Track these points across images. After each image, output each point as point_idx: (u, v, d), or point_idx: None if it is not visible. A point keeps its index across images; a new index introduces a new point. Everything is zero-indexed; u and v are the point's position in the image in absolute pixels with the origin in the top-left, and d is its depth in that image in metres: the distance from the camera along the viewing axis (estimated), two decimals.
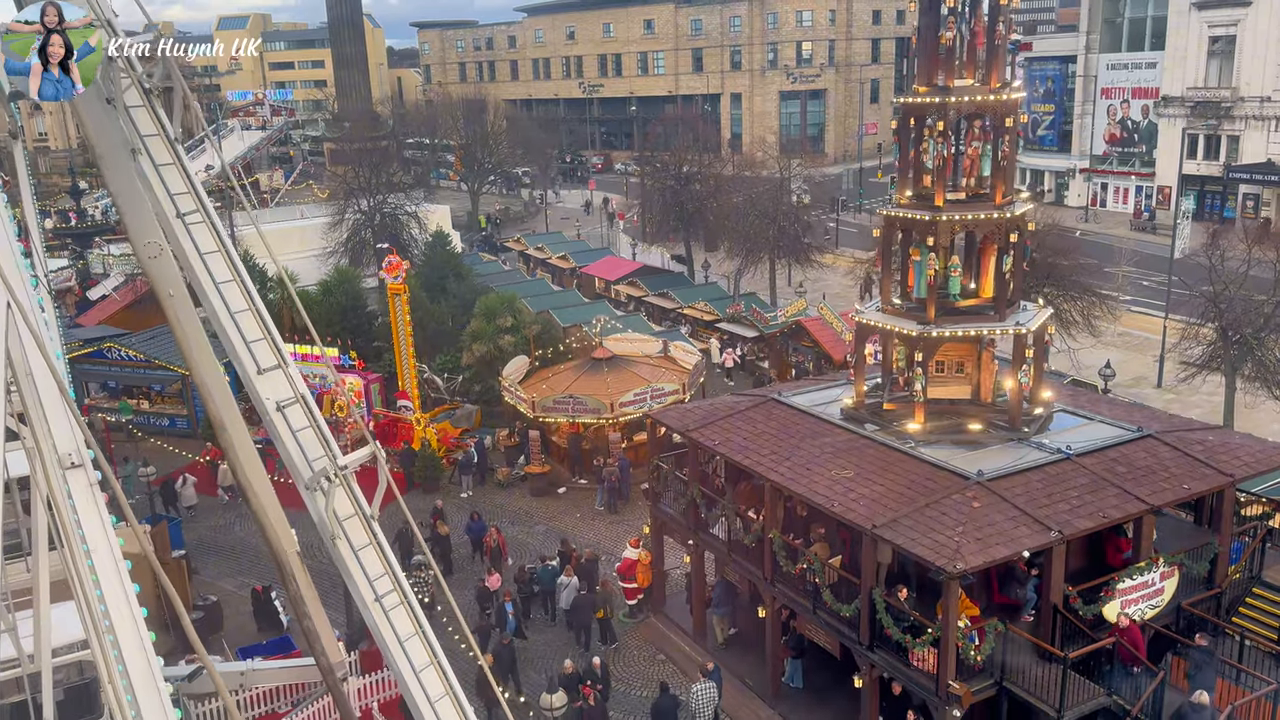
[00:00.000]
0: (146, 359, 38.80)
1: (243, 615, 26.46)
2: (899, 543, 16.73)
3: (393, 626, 9.97)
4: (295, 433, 10.45)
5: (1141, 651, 16.78)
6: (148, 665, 8.90)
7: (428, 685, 9.94)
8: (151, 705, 8.76)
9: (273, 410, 10.40)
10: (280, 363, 10.51)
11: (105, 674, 9.15)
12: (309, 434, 10.38)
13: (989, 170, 19.86)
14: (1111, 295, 36.57)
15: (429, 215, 56.56)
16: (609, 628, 23.76)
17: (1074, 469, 18.46)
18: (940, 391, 20.42)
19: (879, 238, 20.69)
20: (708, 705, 19.59)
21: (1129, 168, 72.48)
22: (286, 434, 10.40)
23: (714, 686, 19.73)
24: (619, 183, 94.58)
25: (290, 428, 10.42)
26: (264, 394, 10.36)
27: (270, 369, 10.43)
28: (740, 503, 21.82)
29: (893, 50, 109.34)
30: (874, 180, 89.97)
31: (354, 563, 10.15)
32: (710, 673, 20.09)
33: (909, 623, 17.10)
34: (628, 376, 32.81)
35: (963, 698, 16.09)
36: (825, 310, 39.43)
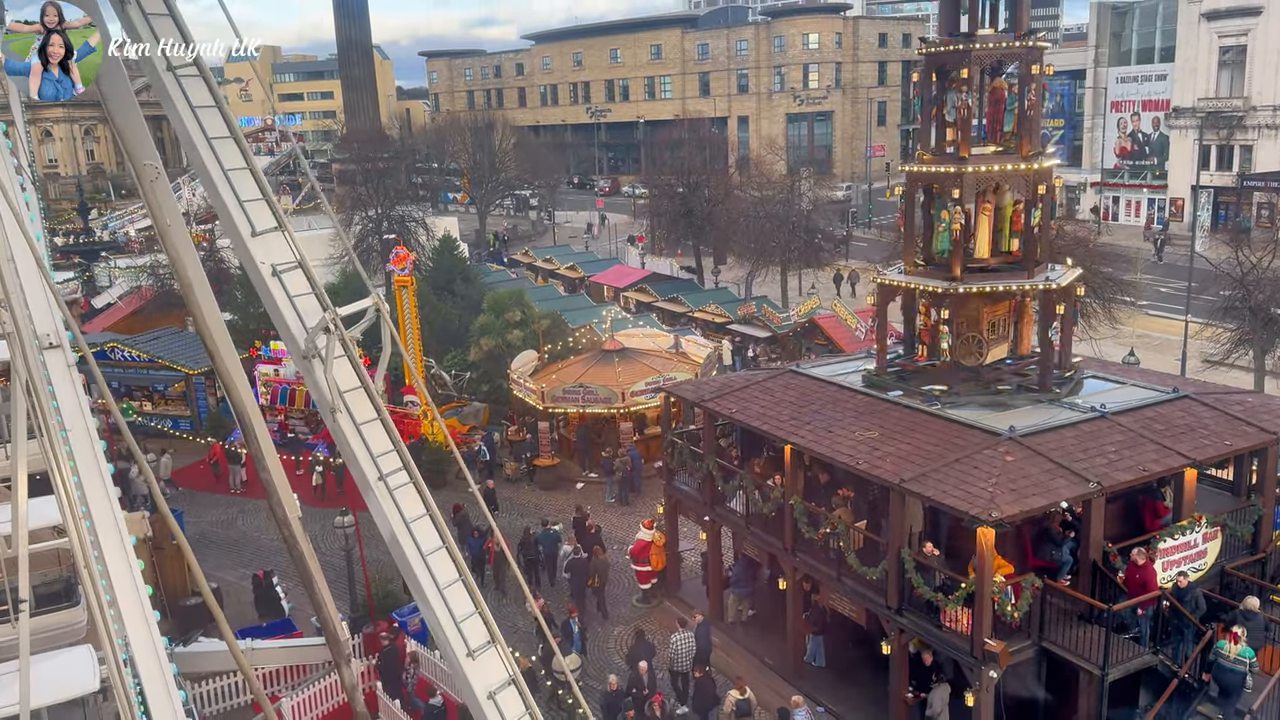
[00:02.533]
0: (150, 358, 38.26)
1: (244, 604, 25.66)
2: (929, 495, 15.92)
3: (399, 508, 9.21)
4: (294, 299, 9.77)
5: (1153, 584, 15.85)
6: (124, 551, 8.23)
7: (437, 570, 9.16)
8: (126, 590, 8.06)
9: (269, 275, 9.72)
10: (279, 224, 9.87)
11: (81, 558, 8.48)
12: (308, 301, 9.69)
13: (1011, 125, 19.27)
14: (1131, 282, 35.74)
15: (436, 223, 56.24)
16: (601, 598, 23.27)
17: (1109, 426, 17.66)
18: (968, 354, 19.65)
19: (902, 195, 20.03)
20: (685, 656, 19.54)
21: (1141, 180, 72.05)
22: (284, 300, 9.72)
23: (692, 638, 19.74)
24: (626, 204, 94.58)
25: (288, 293, 9.74)
26: (259, 258, 9.69)
27: (267, 231, 9.78)
28: (758, 475, 21.01)
29: (899, 73, 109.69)
30: (882, 200, 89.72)
31: (356, 438, 9.42)
32: (694, 626, 20.02)
33: (940, 582, 16.24)
34: (639, 367, 32.12)
35: (1000, 656, 15.18)
36: (839, 307, 38.78)
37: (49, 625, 11.20)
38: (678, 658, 19.79)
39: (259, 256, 9.68)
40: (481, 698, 8.79)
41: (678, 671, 19.82)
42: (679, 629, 20.14)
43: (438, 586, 9.12)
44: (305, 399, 37.83)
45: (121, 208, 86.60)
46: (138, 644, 7.86)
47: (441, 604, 9.06)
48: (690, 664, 19.71)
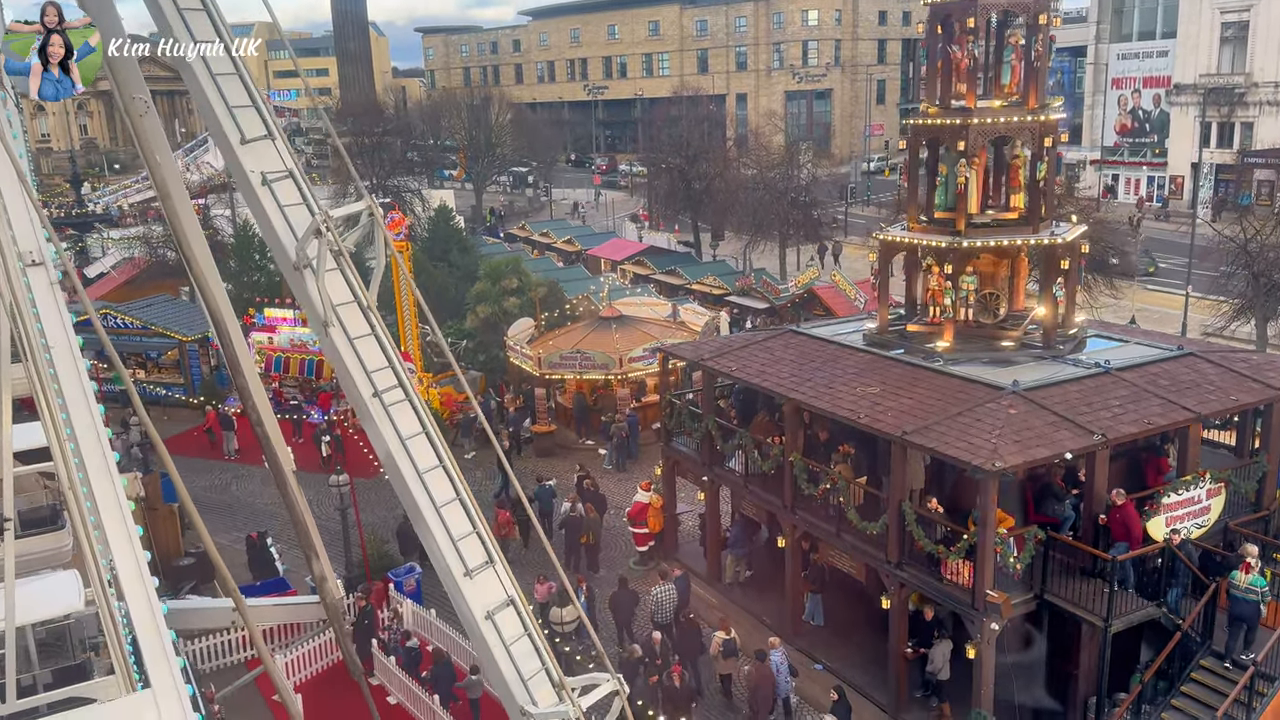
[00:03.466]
0: (144, 325, 37.93)
1: (238, 566, 25.38)
2: (932, 446, 15.73)
3: (394, 425, 8.95)
4: (284, 208, 9.47)
5: (1136, 530, 15.70)
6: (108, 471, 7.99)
7: (434, 489, 8.91)
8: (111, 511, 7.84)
9: (258, 184, 9.41)
10: (270, 133, 9.56)
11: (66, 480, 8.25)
12: (299, 212, 9.39)
13: (1008, 77, 18.94)
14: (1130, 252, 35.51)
15: (432, 195, 55.84)
16: (594, 555, 23.40)
17: (1113, 382, 17.47)
18: (984, 312, 19.41)
19: (905, 149, 19.74)
20: (667, 604, 19.83)
21: (1140, 158, 71.70)
22: (274, 209, 9.41)
23: (673, 589, 20.01)
24: (625, 183, 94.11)
25: (278, 202, 9.44)
26: (249, 167, 9.38)
27: (257, 139, 9.48)
28: (757, 434, 20.81)
29: (899, 51, 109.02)
30: (881, 179, 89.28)
31: (350, 354, 9.14)
32: (675, 578, 20.30)
33: (941, 535, 16.07)
34: (637, 334, 31.88)
35: (1002, 607, 15.03)
36: (839, 277, 38.53)
37: (35, 549, 10.98)
38: (660, 609, 19.96)
39: (248, 165, 9.37)
40: (479, 618, 8.58)
41: (659, 623, 19.93)
42: (660, 581, 20.21)
43: (434, 505, 8.88)
44: (300, 366, 37.57)
45: (115, 182, 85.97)
46: (122, 564, 7.63)
47: (438, 522, 8.81)
48: (672, 615, 19.92)
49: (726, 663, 18.55)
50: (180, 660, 9.11)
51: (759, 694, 17.23)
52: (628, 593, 20.30)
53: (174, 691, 7.06)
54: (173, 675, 7.13)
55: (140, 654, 7.33)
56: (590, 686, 8.37)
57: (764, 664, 17.30)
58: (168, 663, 7.20)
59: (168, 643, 7.35)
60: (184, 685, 7.15)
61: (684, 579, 20.74)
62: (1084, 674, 16.10)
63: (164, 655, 7.24)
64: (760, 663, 17.36)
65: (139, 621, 7.30)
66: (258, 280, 43.22)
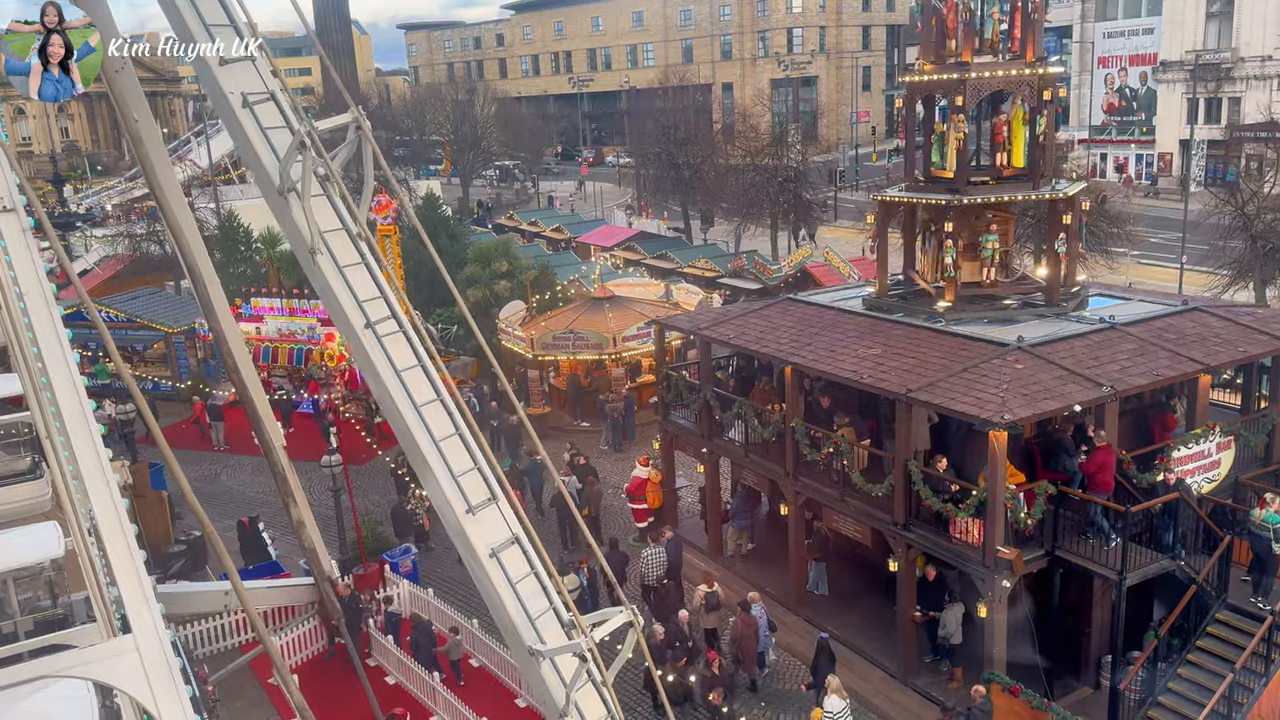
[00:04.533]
0: (129, 317, 37.37)
1: (229, 552, 24.89)
2: (938, 402, 15.37)
3: (389, 357, 8.48)
4: (266, 131, 9.01)
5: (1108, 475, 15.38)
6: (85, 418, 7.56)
7: (432, 423, 8.45)
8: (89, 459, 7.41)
9: (239, 107, 8.94)
10: (249, 55, 9.08)
11: (43, 430, 7.81)
12: (283, 135, 8.91)
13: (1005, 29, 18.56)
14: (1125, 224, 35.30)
15: (419, 185, 55.35)
16: (595, 526, 23.00)
17: (1120, 336, 17.15)
18: (971, 273, 19.07)
19: (901, 108, 19.38)
20: (658, 567, 19.76)
21: (1128, 136, 71.59)
22: (255, 133, 8.94)
23: (662, 552, 19.96)
24: (612, 174, 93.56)
25: (260, 125, 8.98)
26: (228, 88, 8.91)
27: (236, 59, 9.01)
28: (756, 403, 20.43)
29: (883, 38, 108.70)
30: (870, 164, 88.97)
31: (339, 283, 8.66)
32: (665, 541, 20.28)
33: (949, 494, 15.70)
34: (630, 314, 31.45)
35: (1014, 562, 14.68)
36: (831, 255, 38.19)
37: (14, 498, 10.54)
38: (648, 572, 19.82)
39: (227, 86, 8.90)
40: (484, 556, 8.15)
41: (648, 585, 19.80)
42: (649, 544, 19.98)
43: (433, 439, 8.44)
44: (289, 356, 37.06)
45: (98, 184, 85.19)
46: (101, 511, 7.21)
47: (438, 457, 8.37)
48: (657, 577, 19.82)
49: (710, 616, 18.57)
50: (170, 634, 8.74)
51: (743, 645, 17.40)
52: (618, 554, 20.35)
53: (155, 636, 6.65)
54: (154, 621, 6.72)
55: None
56: (601, 623, 7.96)
57: (748, 615, 17.45)
58: (148, 609, 6.79)
59: (148, 589, 6.95)
60: (165, 630, 6.75)
61: (674, 542, 20.56)
62: (1097, 631, 15.80)
63: (144, 601, 6.83)
64: (744, 613, 17.49)
65: (118, 568, 6.89)
66: (244, 271, 42.72)
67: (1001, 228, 19.11)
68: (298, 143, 8.42)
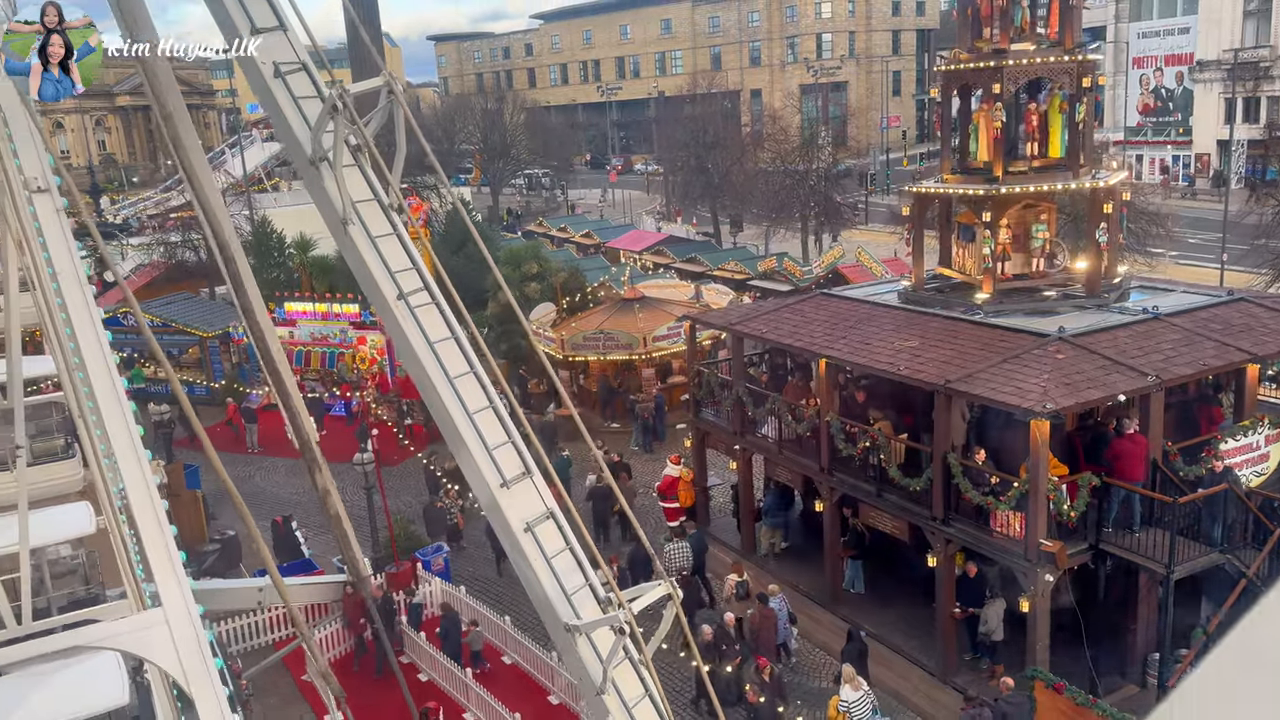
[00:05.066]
0: (164, 322, 37.71)
1: None
2: (977, 393, 15.06)
3: (421, 329, 8.39)
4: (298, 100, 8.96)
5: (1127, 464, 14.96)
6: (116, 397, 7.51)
7: (466, 395, 8.32)
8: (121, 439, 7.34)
9: (270, 76, 8.90)
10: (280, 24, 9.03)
11: (75, 409, 7.77)
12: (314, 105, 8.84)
13: (1042, 16, 18.28)
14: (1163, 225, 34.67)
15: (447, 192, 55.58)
16: (627, 523, 22.45)
17: (1164, 327, 16.75)
18: (1017, 265, 18.71)
19: (935, 97, 19.08)
20: (678, 560, 19.86)
21: (1165, 137, 70.51)
22: (287, 101, 8.90)
23: (686, 547, 19.90)
24: (640, 182, 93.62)
25: (292, 94, 8.93)
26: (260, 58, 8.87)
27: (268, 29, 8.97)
28: (790, 398, 20.18)
29: (913, 42, 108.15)
30: (900, 169, 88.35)
31: (371, 254, 8.57)
32: (690, 535, 20.24)
33: (988, 487, 15.37)
34: (660, 314, 31.30)
35: (1057, 556, 14.32)
36: (864, 255, 37.83)
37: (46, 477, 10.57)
38: (671, 565, 19.69)
39: (260, 56, 8.88)
40: (518, 531, 8.01)
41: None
42: (674, 539, 19.83)
43: (467, 412, 8.31)
44: (321, 360, 37.27)
45: (134, 195, 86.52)
46: (133, 488, 7.14)
47: (472, 431, 8.25)
48: (679, 572, 19.64)
49: (740, 605, 18.49)
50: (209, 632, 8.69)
51: (761, 637, 17.26)
52: (643, 550, 19.95)
53: (184, 609, 6.56)
54: (183, 594, 6.64)
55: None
56: (638, 597, 7.78)
57: (766, 608, 17.31)
58: (178, 582, 6.71)
59: (178, 564, 6.87)
60: (194, 605, 6.67)
61: (699, 536, 20.47)
62: (1143, 628, 15.39)
63: (174, 575, 6.75)
64: (763, 605, 17.35)
65: (149, 541, 6.81)
66: (277, 276, 43.05)
67: (1049, 218, 18.77)
68: (329, 107, 8.36)
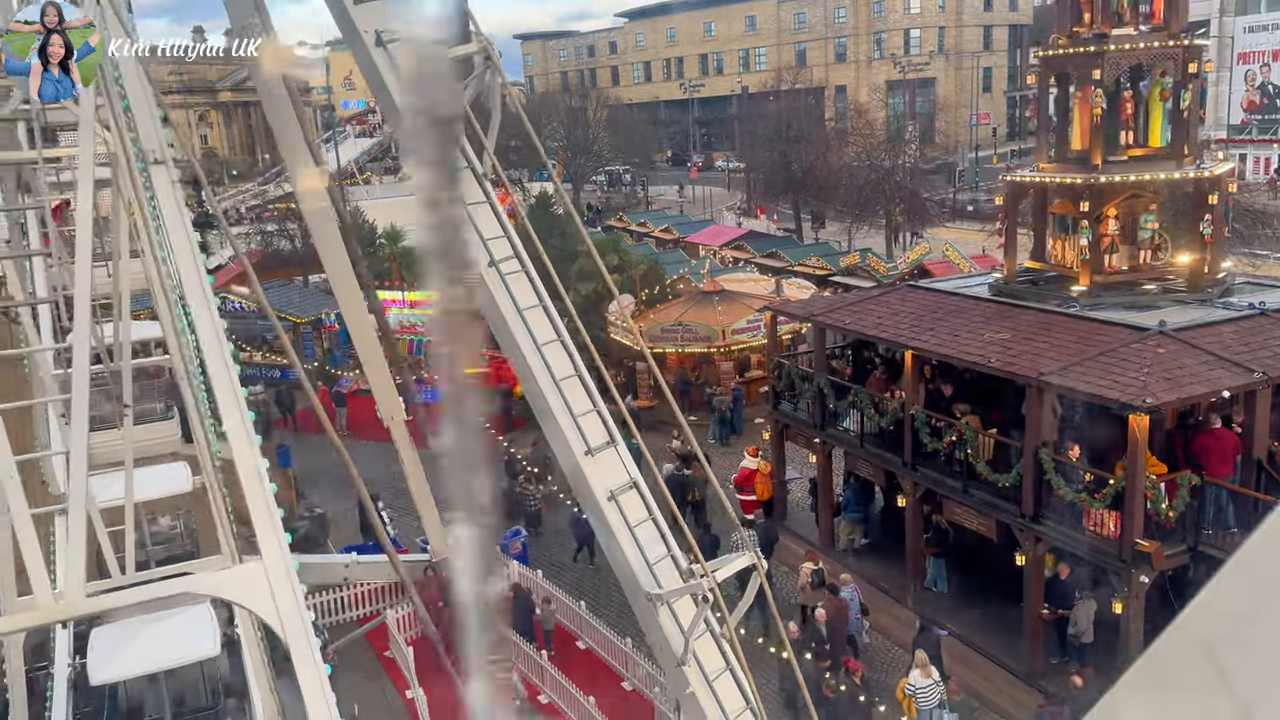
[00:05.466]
0: (259, 308, 38.89)
1: (350, 528, 26.00)
2: (1073, 385, 14.60)
3: (511, 295, 8.48)
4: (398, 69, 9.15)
5: (1209, 459, 14.23)
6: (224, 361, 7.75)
7: (553, 362, 8.39)
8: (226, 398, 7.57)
9: (373, 45, 9.01)
10: None
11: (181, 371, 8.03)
12: None
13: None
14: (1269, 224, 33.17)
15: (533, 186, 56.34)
16: (701, 509, 22.87)
17: (1272, 323, 16.04)
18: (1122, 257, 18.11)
19: (1033, 83, 18.58)
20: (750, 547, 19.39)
21: (1271, 135, 67.47)
22: (388, 69, 9.07)
23: (754, 535, 19.28)
24: (720, 179, 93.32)
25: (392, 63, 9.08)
26: (363, 27, 9.00)
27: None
28: (873, 391, 19.85)
29: (1005, 38, 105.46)
30: (990, 166, 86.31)
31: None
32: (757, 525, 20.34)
33: (1082, 485, 14.89)
34: (739, 307, 31.14)
35: (1153, 556, 13.79)
36: (951, 252, 37.06)
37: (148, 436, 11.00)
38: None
39: (362, 25, 9.08)
40: (602, 499, 8.05)
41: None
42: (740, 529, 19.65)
43: (553, 378, 8.38)
44: (409, 347, 38.03)
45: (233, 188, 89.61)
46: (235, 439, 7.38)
47: (558, 397, 8.32)
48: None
49: (815, 593, 18.24)
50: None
51: (833, 627, 16.97)
52: (709, 536, 20.23)
53: (281, 559, 6.75)
54: (280, 545, 6.83)
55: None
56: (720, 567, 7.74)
57: (837, 598, 17.12)
58: (275, 534, 6.90)
59: (275, 516, 7.06)
60: (290, 558, 6.86)
61: (767, 526, 20.47)
62: None
63: (273, 529, 6.94)
64: (833, 595, 17.18)
65: (249, 492, 7.03)
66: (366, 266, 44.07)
67: (1157, 208, 18.13)
68: (480, 56, 8.49)
